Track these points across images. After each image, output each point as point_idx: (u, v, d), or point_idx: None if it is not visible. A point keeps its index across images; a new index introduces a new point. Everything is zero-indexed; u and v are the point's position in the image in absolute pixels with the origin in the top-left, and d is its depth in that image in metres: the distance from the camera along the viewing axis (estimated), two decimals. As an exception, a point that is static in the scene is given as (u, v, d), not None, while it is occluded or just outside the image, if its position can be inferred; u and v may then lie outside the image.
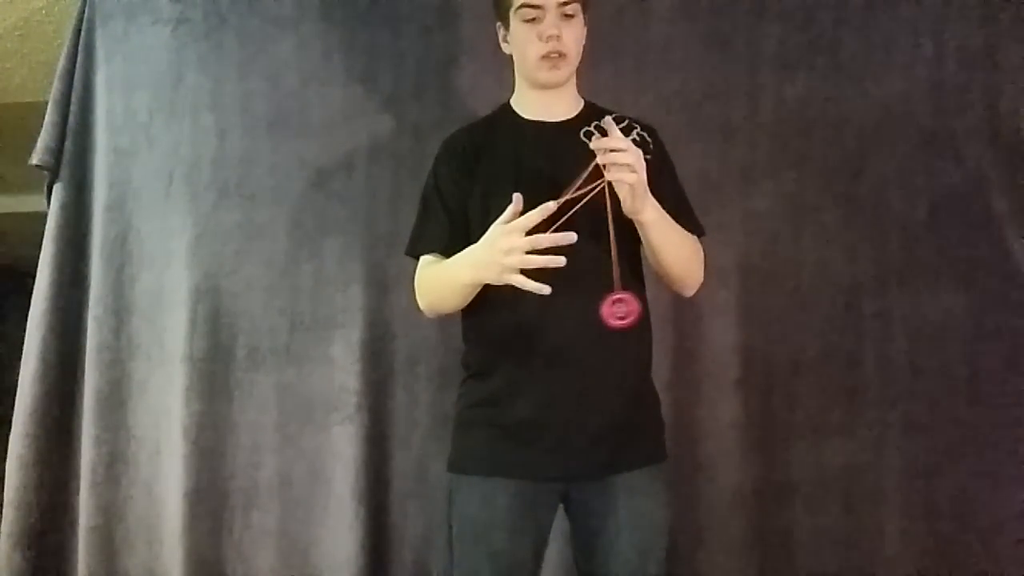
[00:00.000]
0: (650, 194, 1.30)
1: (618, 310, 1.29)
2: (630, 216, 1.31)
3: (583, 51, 1.49)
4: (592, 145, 1.26)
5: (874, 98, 1.95)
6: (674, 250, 1.40)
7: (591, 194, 1.25)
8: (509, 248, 1.21)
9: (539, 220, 1.20)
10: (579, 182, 1.26)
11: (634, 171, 1.25)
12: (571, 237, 1.18)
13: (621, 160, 1.24)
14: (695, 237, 1.48)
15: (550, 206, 1.20)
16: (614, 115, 1.47)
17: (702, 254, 1.49)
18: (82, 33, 2.14)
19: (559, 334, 1.37)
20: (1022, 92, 1.91)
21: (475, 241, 1.36)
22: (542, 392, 1.37)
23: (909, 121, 1.94)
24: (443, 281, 1.41)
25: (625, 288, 1.29)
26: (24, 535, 2.00)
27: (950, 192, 1.91)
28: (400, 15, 2.06)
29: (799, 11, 1.98)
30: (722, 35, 1.99)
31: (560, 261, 1.19)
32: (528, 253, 1.20)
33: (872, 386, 1.89)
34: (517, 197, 1.21)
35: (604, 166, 1.25)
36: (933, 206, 1.92)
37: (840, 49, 1.96)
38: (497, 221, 1.24)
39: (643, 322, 1.47)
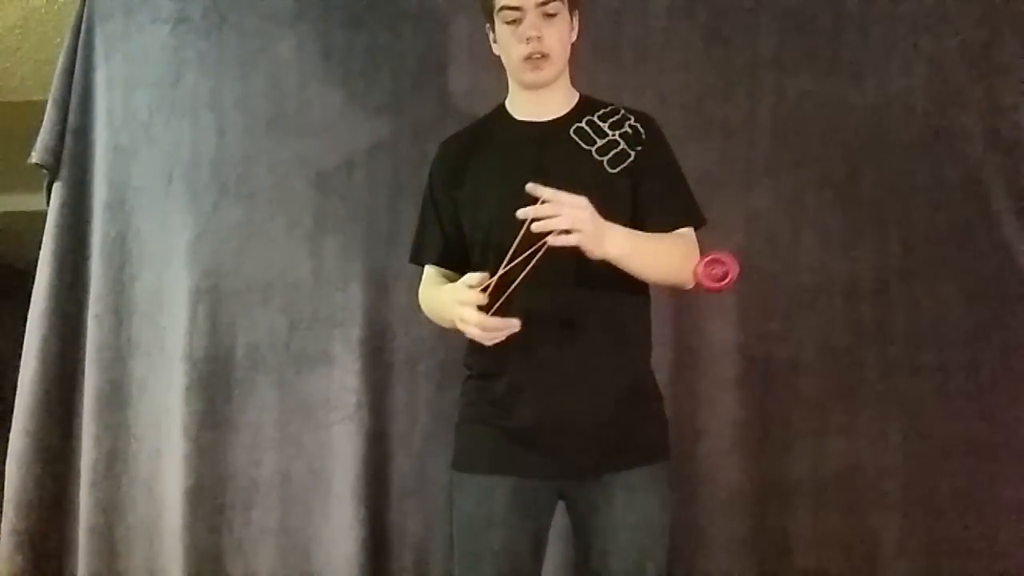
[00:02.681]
0: (608, 232, 1.25)
1: (715, 271, 1.22)
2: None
3: (581, 49, 1.49)
4: (519, 214, 1.19)
5: (874, 97, 1.94)
6: (658, 268, 1.36)
7: (534, 260, 1.22)
8: (461, 318, 1.27)
9: (481, 302, 1.25)
10: (516, 246, 1.22)
11: (575, 230, 1.19)
12: (515, 324, 1.25)
13: (557, 227, 1.19)
14: (687, 231, 1.44)
15: (481, 298, 1.25)
16: (608, 107, 1.48)
17: (695, 248, 1.43)
18: (81, 32, 2.14)
19: (555, 337, 1.37)
20: (1022, 91, 1.90)
21: (472, 244, 1.41)
22: (539, 393, 1.38)
23: (909, 120, 1.93)
24: (435, 308, 1.47)
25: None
26: (24, 534, 2.00)
27: (950, 192, 1.91)
28: (400, 15, 2.06)
29: (799, 10, 1.97)
30: (722, 34, 1.99)
31: (515, 327, 1.25)
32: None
33: (872, 386, 1.88)
34: (483, 276, 1.27)
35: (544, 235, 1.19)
36: (933, 205, 1.91)
37: (840, 48, 1.96)
38: (462, 282, 1.29)
39: (642, 322, 1.48)
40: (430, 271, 1.53)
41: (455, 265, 1.50)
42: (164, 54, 2.11)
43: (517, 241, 1.22)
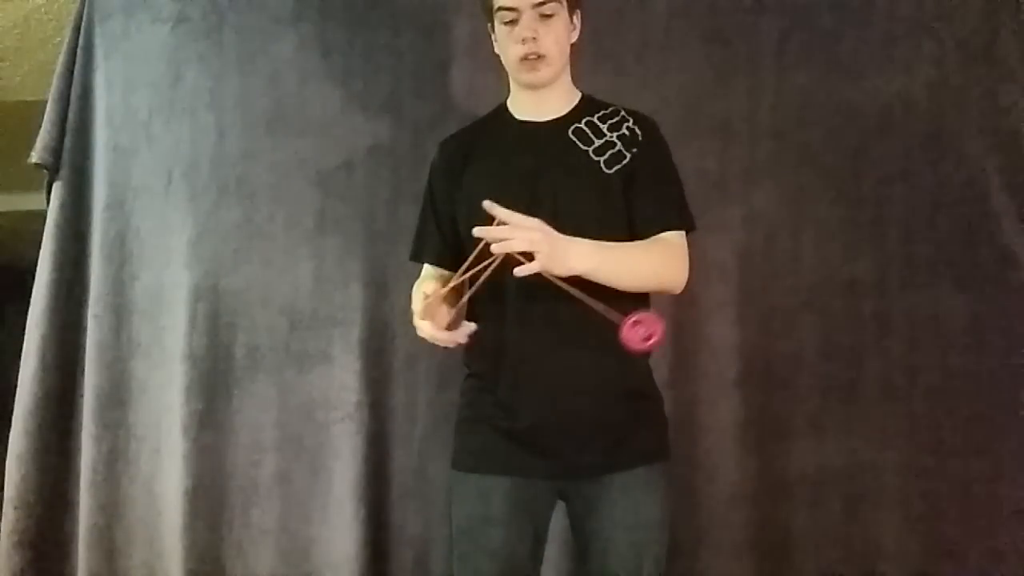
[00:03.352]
0: (571, 248, 1.27)
1: (640, 332, 1.22)
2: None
3: (582, 49, 1.49)
4: (475, 233, 1.24)
5: (874, 96, 1.94)
6: (633, 277, 1.36)
7: (486, 273, 1.25)
8: (417, 326, 1.34)
9: (421, 314, 1.32)
10: (472, 259, 1.26)
11: (533, 252, 1.21)
12: (462, 336, 1.32)
13: (512, 249, 1.21)
14: (673, 235, 1.42)
15: (422, 311, 1.32)
16: (609, 108, 1.48)
17: (679, 252, 1.42)
18: (81, 31, 2.14)
19: (554, 337, 1.38)
20: (1022, 90, 1.90)
21: (468, 243, 1.40)
22: (539, 393, 1.38)
23: (909, 119, 1.93)
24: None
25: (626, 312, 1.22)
26: (24, 534, 2.00)
27: (950, 191, 1.90)
28: (400, 14, 2.06)
29: (799, 8, 1.97)
30: (722, 32, 1.99)
31: (461, 339, 1.32)
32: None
33: (872, 385, 1.88)
34: (437, 287, 1.34)
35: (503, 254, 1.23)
36: (933, 205, 1.91)
37: (840, 47, 1.96)
38: (420, 289, 1.36)
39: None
40: (427, 270, 1.54)
41: (453, 264, 1.50)
42: (164, 54, 2.11)
43: (473, 256, 1.26)
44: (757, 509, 1.87)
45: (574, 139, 1.44)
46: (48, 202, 2.12)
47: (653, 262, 1.39)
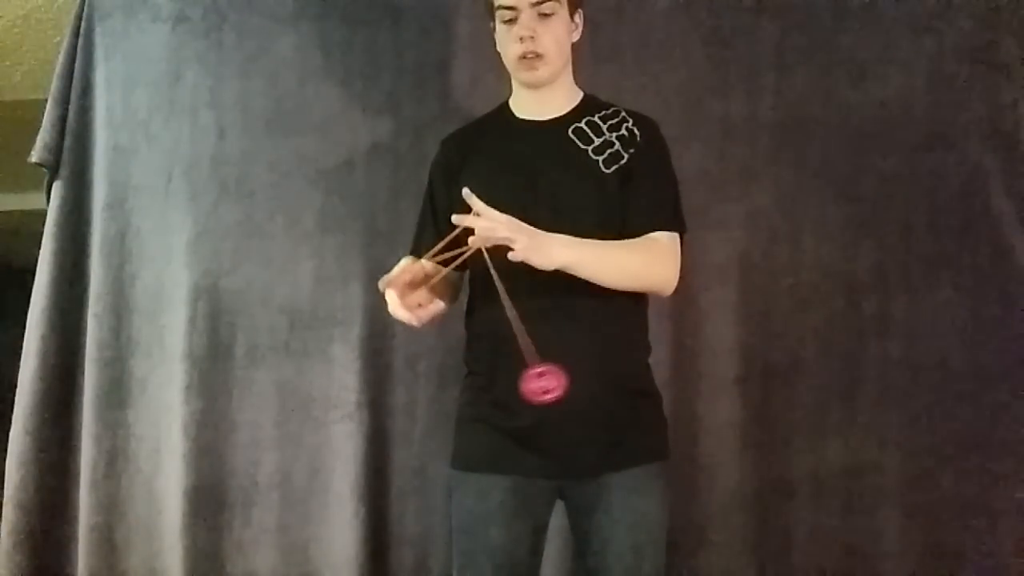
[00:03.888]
0: (551, 241, 1.28)
1: (541, 384, 1.21)
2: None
3: (582, 48, 1.49)
4: (454, 220, 1.28)
5: (874, 96, 1.94)
6: (616, 274, 1.36)
7: (458, 260, 1.29)
8: (388, 300, 1.35)
9: (391, 282, 1.33)
10: (446, 243, 1.29)
11: (511, 241, 1.24)
12: (421, 320, 1.34)
13: (494, 237, 1.25)
14: (662, 236, 1.41)
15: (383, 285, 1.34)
16: (610, 108, 1.48)
17: (668, 253, 1.41)
18: (81, 31, 2.14)
19: (553, 336, 1.37)
20: (1021, 90, 1.90)
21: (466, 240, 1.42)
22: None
23: (909, 119, 1.93)
24: None
25: (544, 360, 1.23)
26: (24, 533, 2.00)
27: (950, 191, 1.90)
28: (400, 13, 2.06)
29: (799, 8, 1.97)
30: (722, 32, 1.99)
31: (413, 323, 1.33)
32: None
33: (872, 385, 1.88)
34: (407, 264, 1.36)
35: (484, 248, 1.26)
36: (933, 205, 1.91)
37: (840, 47, 1.96)
38: (397, 266, 1.37)
39: (639, 322, 1.48)
40: None
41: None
42: (164, 53, 2.11)
43: (445, 241, 1.29)
44: (757, 509, 1.87)
45: (574, 138, 1.44)
46: (48, 202, 2.12)
47: (639, 261, 1.39)
